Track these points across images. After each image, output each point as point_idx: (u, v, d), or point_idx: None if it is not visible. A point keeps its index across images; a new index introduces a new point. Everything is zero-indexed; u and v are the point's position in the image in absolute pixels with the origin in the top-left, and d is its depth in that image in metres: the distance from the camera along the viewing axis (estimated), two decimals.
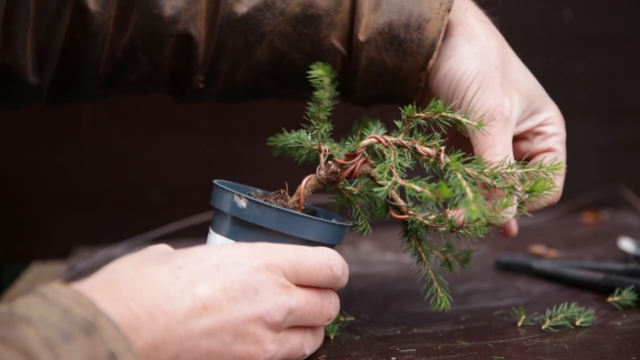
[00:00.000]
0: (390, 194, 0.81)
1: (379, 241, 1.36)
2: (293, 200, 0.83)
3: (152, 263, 0.69)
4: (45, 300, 0.61)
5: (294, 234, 0.78)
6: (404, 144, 0.81)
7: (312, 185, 0.83)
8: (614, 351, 0.81)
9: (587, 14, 1.56)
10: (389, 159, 0.79)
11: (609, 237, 1.32)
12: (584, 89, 1.57)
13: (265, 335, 0.71)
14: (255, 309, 0.70)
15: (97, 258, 1.30)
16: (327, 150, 0.84)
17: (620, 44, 1.58)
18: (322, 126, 0.84)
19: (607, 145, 1.60)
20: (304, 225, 0.79)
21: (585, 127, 1.58)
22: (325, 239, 0.80)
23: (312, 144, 0.85)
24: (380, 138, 0.81)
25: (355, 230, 0.85)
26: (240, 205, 0.79)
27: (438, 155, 0.80)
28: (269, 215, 0.78)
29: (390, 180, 0.78)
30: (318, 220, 0.80)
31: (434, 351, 0.82)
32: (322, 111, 0.83)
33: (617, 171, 1.61)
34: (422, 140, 0.81)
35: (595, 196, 1.56)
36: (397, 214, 0.83)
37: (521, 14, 1.53)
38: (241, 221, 0.79)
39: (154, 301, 0.66)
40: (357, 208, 0.86)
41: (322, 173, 0.83)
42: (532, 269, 1.11)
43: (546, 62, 1.55)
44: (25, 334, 0.57)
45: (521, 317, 0.90)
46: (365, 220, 0.85)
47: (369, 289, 1.08)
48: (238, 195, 0.79)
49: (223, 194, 0.81)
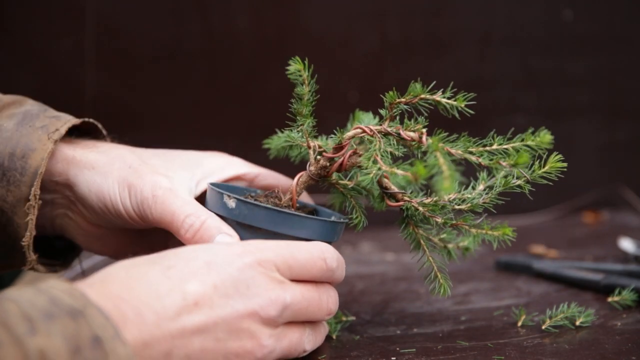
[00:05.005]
0: (382, 181, 0.82)
1: (379, 241, 1.36)
2: (286, 198, 0.84)
3: (142, 264, 0.70)
4: (37, 289, 0.62)
5: (285, 232, 0.78)
6: (388, 131, 0.82)
7: (304, 182, 0.84)
8: (614, 351, 0.81)
9: (587, 14, 1.56)
10: (374, 147, 0.80)
11: (609, 237, 1.32)
12: (584, 89, 1.57)
13: (261, 330, 0.70)
14: (248, 304, 0.70)
15: (97, 259, 1.30)
16: (316, 146, 0.84)
17: (620, 44, 1.58)
18: (305, 121, 0.84)
19: (607, 145, 1.60)
20: (293, 223, 0.79)
21: (585, 127, 1.58)
22: (318, 235, 0.80)
23: (302, 141, 0.85)
24: (364, 127, 0.82)
25: (350, 224, 0.85)
26: (229, 206, 0.79)
27: (420, 138, 0.80)
28: (257, 214, 0.78)
29: (375, 167, 0.78)
30: (308, 217, 0.80)
31: (434, 351, 0.82)
32: (305, 106, 0.83)
33: (617, 171, 1.61)
34: (406, 125, 0.81)
35: (596, 196, 1.56)
36: (392, 201, 0.83)
37: (521, 14, 1.53)
38: (232, 221, 0.80)
39: (143, 299, 0.66)
40: (352, 201, 0.86)
41: (312, 169, 0.84)
42: (532, 269, 1.11)
43: (546, 62, 1.55)
44: (7, 308, 0.59)
45: (521, 317, 0.90)
46: (360, 213, 0.85)
47: (369, 289, 1.08)
48: (227, 196, 0.79)
49: (214, 195, 0.81)
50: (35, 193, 0.83)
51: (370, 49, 1.50)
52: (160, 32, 1.43)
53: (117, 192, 0.84)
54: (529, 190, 0.81)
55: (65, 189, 0.86)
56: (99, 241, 0.90)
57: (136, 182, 0.83)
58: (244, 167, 0.91)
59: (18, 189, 0.83)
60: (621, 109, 1.61)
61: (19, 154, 0.83)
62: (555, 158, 0.80)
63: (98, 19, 1.39)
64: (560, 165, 0.80)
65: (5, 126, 0.85)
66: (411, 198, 0.83)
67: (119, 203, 0.84)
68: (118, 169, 0.84)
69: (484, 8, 1.52)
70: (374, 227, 0.86)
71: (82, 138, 0.89)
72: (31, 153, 0.83)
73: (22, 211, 0.83)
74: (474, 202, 0.81)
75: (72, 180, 0.85)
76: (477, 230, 0.83)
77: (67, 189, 0.86)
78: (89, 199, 0.85)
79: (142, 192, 0.83)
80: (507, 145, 0.80)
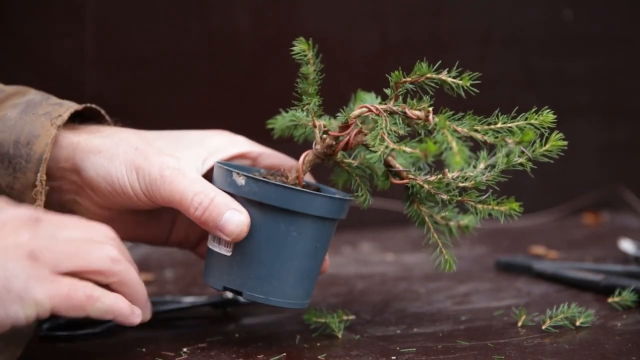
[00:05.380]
0: (388, 160, 0.83)
1: (379, 241, 1.35)
2: (292, 177, 0.84)
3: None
4: None
5: (294, 209, 0.79)
6: (394, 110, 0.82)
7: (310, 161, 0.84)
8: (614, 351, 0.81)
9: (587, 14, 1.56)
10: (380, 125, 0.80)
11: (609, 238, 1.32)
12: (584, 89, 1.57)
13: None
14: None
15: None
16: (322, 125, 0.85)
17: (620, 44, 1.58)
18: (311, 100, 0.84)
19: (607, 145, 1.60)
20: (303, 200, 0.80)
21: (585, 127, 1.58)
22: (326, 212, 0.81)
23: (307, 120, 0.85)
24: (370, 106, 0.83)
25: (356, 201, 0.86)
26: (239, 183, 0.80)
27: (427, 117, 0.81)
28: (267, 191, 0.79)
29: (382, 146, 0.79)
30: (317, 194, 0.81)
31: (434, 351, 0.82)
32: (310, 86, 0.84)
33: (617, 172, 1.61)
34: (412, 104, 0.82)
35: (595, 197, 1.56)
36: (397, 179, 0.84)
37: (521, 14, 1.53)
38: (242, 198, 0.80)
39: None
40: (357, 179, 0.86)
41: (318, 147, 0.84)
42: (532, 269, 1.11)
43: (546, 62, 1.55)
44: None
45: (521, 317, 0.90)
46: (365, 190, 0.86)
47: (369, 289, 1.08)
48: (237, 173, 0.80)
49: (222, 172, 0.82)
50: (41, 179, 0.83)
51: (370, 49, 1.50)
52: (160, 32, 1.43)
53: (125, 175, 0.84)
54: (530, 168, 0.81)
55: (73, 175, 0.87)
56: (109, 224, 0.91)
57: (143, 164, 0.84)
58: (247, 145, 0.92)
59: (24, 176, 0.84)
60: (621, 109, 1.61)
61: (23, 141, 0.84)
62: (556, 136, 0.81)
63: (98, 19, 1.39)
64: (561, 144, 0.80)
65: (9, 115, 0.86)
66: (416, 176, 0.83)
67: (128, 185, 0.84)
68: (124, 152, 0.85)
69: (484, 8, 1.52)
70: (374, 228, 0.86)
71: (85, 124, 0.89)
72: (35, 140, 0.84)
73: (29, 197, 0.84)
74: (477, 180, 0.81)
75: (79, 165, 0.86)
76: (483, 206, 0.82)
77: (74, 174, 0.87)
78: (97, 183, 0.85)
79: (150, 174, 0.83)
80: (511, 124, 0.81)
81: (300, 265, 0.82)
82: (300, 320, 0.91)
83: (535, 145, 0.80)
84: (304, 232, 0.81)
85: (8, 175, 0.85)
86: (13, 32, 1.38)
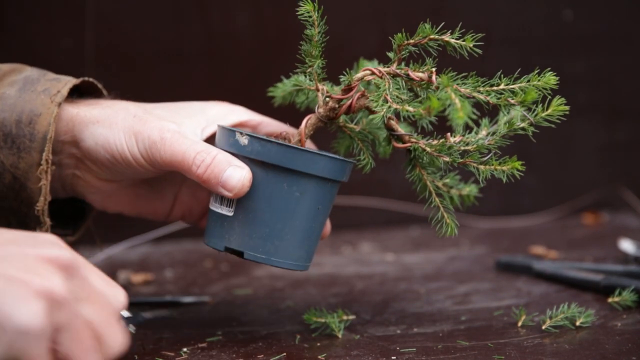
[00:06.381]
0: (390, 124, 0.83)
1: (379, 241, 1.35)
2: (295, 140, 0.85)
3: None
4: None
5: (297, 168, 0.80)
6: (397, 73, 0.83)
7: (312, 124, 0.85)
8: (614, 351, 0.81)
9: (587, 14, 1.56)
10: (383, 87, 0.81)
11: (609, 238, 1.32)
12: (584, 89, 1.57)
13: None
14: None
15: (97, 258, 1.30)
16: (325, 89, 0.85)
17: (620, 44, 1.58)
18: (315, 62, 0.84)
19: (607, 145, 1.60)
20: (306, 159, 0.80)
21: (585, 127, 1.58)
22: (328, 172, 0.81)
23: (310, 85, 0.85)
24: (374, 69, 0.83)
25: (358, 166, 0.86)
26: (242, 143, 0.81)
27: (430, 77, 0.81)
28: (270, 150, 0.80)
29: (385, 106, 0.79)
30: (320, 153, 0.82)
31: (434, 351, 0.82)
32: (314, 48, 0.85)
33: (617, 172, 1.60)
34: (415, 67, 0.83)
35: (595, 197, 1.56)
36: (399, 143, 0.84)
37: (521, 14, 1.53)
38: (244, 158, 0.81)
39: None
40: (359, 143, 0.87)
41: (321, 111, 0.85)
42: (532, 269, 1.11)
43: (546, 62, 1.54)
44: None
45: (521, 317, 0.90)
46: (368, 155, 0.86)
47: (369, 289, 1.08)
48: (240, 133, 0.81)
49: (225, 133, 0.83)
50: (47, 158, 0.84)
51: (370, 49, 1.50)
52: (160, 32, 1.43)
53: (123, 141, 0.84)
54: (532, 133, 0.82)
55: (72, 147, 0.87)
56: (111, 198, 0.91)
57: (142, 128, 0.84)
58: (247, 114, 0.92)
59: (29, 155, 0.84)
60: (621, 109, 1.61)
61: (25, 120, 0.84)
62: (558, 101, 0.81)
63: (98, 19, 1.39)
64: (563, 109, 0.81)
65: (8, 93, 0.86)
66: (418, 140, 0.83)
67: (126, 151, 0.84)
68: (123, 119, 0.85)
69: (484, 8, 1.52)
70: (374, 228, 0.86)
71: (83, 98, 0.90)
72: (37, 118, 0.84)
73: (34, 176, 0.84)
74: (480, 143, 0.81)
75: (78, 137, 0.86)
76: (485, 167, 0.82)
77: (73, 147, 0.87)
78: (96, 153, 0.86)
79: (149, 137, 0.84)
80: (514, 85, 0.81)
81: (302, 226, 0.83)
82: (300, 320, 0.91)
83: (537, 110, 0.81)
84: (306, 193, 0.82)
85: (12, 155, 0.85)
86: (13, 32, 1.38)
